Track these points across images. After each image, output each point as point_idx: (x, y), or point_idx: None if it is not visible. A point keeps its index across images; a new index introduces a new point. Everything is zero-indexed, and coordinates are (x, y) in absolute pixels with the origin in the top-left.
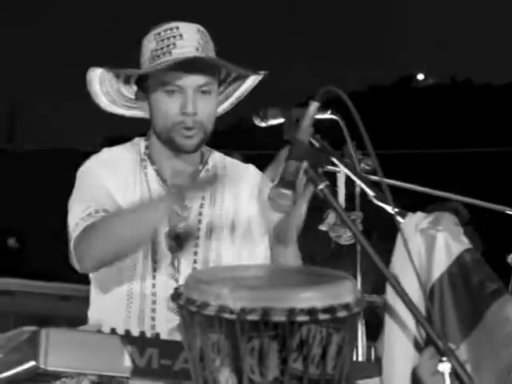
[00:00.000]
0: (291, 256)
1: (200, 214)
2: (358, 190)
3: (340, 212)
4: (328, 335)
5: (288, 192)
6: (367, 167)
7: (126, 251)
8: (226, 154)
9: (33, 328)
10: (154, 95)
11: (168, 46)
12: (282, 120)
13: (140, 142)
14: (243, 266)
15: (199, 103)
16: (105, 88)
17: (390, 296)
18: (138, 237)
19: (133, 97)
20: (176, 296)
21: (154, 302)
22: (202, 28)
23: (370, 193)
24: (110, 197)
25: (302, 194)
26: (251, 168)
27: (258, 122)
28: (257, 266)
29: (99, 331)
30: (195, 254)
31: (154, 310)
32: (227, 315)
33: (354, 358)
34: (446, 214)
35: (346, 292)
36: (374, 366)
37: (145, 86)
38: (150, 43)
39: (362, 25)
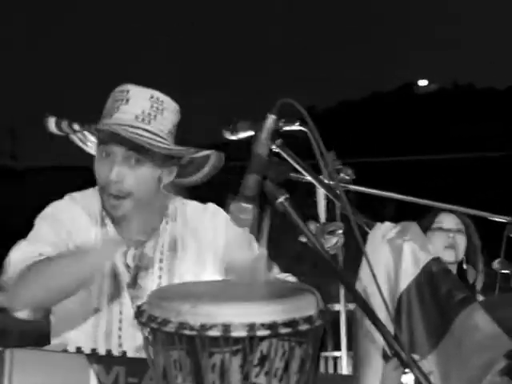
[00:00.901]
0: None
1: (160, 260)
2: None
3: (300, 225)
4: (290, 349)
5: (248, 206)
6: (346, 177)
7: (62, 294)
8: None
9: None
10: (96, 154)
11: (113, 108)
12: (251, 133)
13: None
14: (206, 281)
15: (128, 172)
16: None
17: (357, 308)
18: (73, 280)
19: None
20: (139, 313)
21: (120, 321)
22: (160, 95)
23: (336, 202)
24: (62, 245)
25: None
26: (210, 207)
27: (228, 135)
28: (220, 281)
29: (65, 350)
30: (159, 275)
31: (120, 329)
32: (187, 332)
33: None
34: (413, 224)
35: (307, 305)
36: (347, 379)
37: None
38: (107, 101)
39: (362, 30)
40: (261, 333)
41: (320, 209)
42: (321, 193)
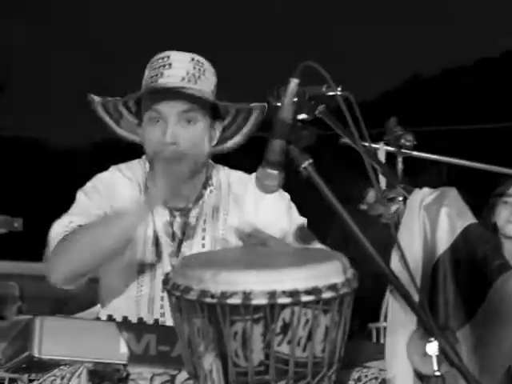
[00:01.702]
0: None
1: (203, 230)
2: (400, 166)
3: (325, 191)
4: (314, 317)
5: (274, 172)
6: (407, 143)
7: (97, 260)
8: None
9: (29, 316)
10: (143, 123)
11: (157, 74)
12: (295, 98)
13: (146, 161)
14: (233, 248)
15: (182, 132)
16: (110, 115)
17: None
18: (111, 246)
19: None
20: (165, 281)
21: (163, 290)
22: (199, 57)
23: (380, 170)
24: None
25: None
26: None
27: (273, 100)
28: (244, 249)
29: (97, 318)
30: (203, 243)
31: (162, 298)
32: (208, 299)
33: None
34: (452, 189)
35: (332, 272)
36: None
37: (140, 115)
38: (145, 72)
39: None
40: (282, 300)
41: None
42: (382, 158)
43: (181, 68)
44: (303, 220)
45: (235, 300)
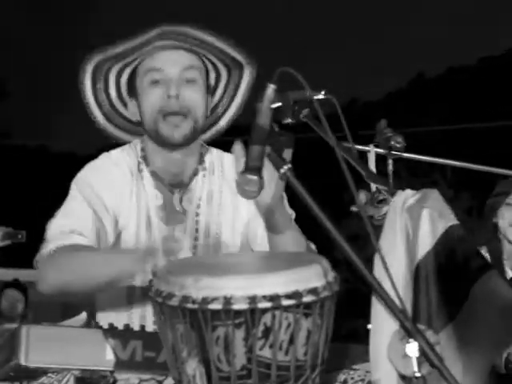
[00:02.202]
0: (288, 243)
1: (197, 214)
2: (390, 168)
3: (303, 195)
4: (295, 321)
5: (254, 177)
6: (397, 145)
7: (88, 288)
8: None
9: (14, 325)
10: (141, 88)
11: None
12: (279, 104)
13: (137, 145)
14: (214, 255)
15: (184, 89)
16: (99, 98)
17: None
18: (104, 280)
19: (126, 114)
20: (149, 288)
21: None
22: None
23: (362, 172)
24: (95, 216)
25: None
26: None
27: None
28: (228, 254)
29: (84, 325)
30: (193, 253)
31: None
32: (190, 305)
33: None
34: (433, 191)
35: (313, 276)
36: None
37: (134, 83)
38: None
39: None
40: (262, 305)
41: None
42: (372, 161)
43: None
44: (291, 212)
45: (216, 305)
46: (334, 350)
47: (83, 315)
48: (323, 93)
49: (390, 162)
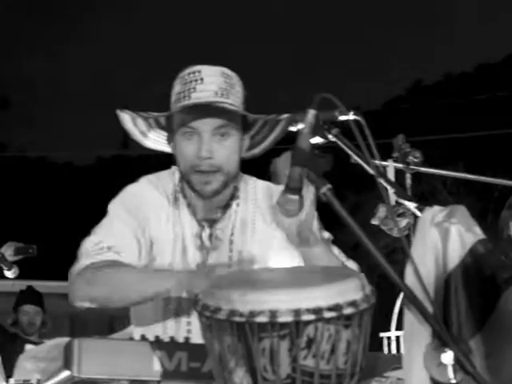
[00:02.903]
0: (320, 255)
1: (231, 242)
2: (408, 181)
3: (343, 215)
4: (336, 332)
5: (294, 197)
6: (415, 159)
7: (121, 303)
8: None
9: (67, 338)
10: (175, 137)
11: (189, 89)
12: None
13: (175, 172)
14: (257, 269)
15: (216, 146)
16: (139, 128)
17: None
18: (139, 297)
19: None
20: (195, 302)
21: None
22: (228, 71)
23: (391, 189)
24: (132, 237)
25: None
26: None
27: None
28: (270, 269)
29: (131, 338)
30: (230, 256)
31: (189, 308)
32: (237, 318)
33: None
34: (460, 207)
35: (352, 289)
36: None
37: (170, 128)
38: (175, 87)
39: None
40: (306, 317)
41: (390, 191)
42: (391, 175)
43: (212, 83)
44: (328, 235)
45: (262, 318)
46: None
47: (131, 328)
48: (352, 113)
49: (409, 176)
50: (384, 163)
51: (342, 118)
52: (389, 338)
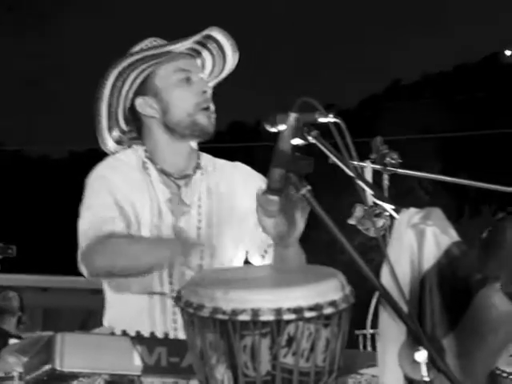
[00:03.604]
0: (292, 256)
1: (199, 206)
2: (385, 182)
3: (323, 216)
4: (316, 331)
5: (274, 198)
6: (392, 161)
7: (131, 275)
8: None
9: (49, 333)
10: (166, 88)
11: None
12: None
13: (138, 149)
14: (240, 267)
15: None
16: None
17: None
18: (144, 267)
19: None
20: (177, 299)
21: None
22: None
23: (369, 191)
24: (117, 204)
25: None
26: (239, 164)
27: (269, 127)
28: (252, 268)
29: (112, 333)
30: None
31: (175, 313)
32: (220, 316)
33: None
34: (436, 209)
35: (332, 290)
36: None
37: (147, 88)
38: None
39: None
40: (287, 317)
41: (367, 193)
42: (368, 177)
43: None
44: None
45: (245, 317)
46: (344, 355)
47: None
48: (331, 115)
49: (386, 177)
50: (362, 164)
51: (322, 120)
52: (364, 336)
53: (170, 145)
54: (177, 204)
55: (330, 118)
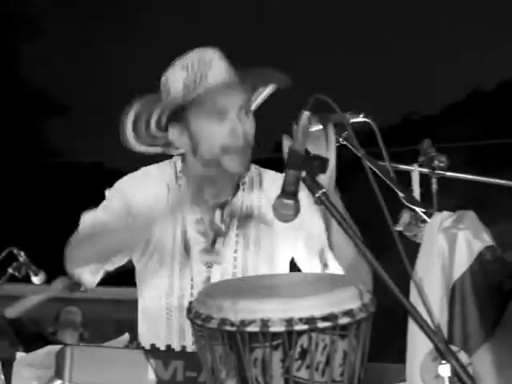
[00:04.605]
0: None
1: (237, 227)
2: (434, 187)
3: (339, 219)
4: (332, 342)
5: (290, 202)
6: (441, 164)
7: (110, 251)
8: None
9: (60, 346)
10: (197, 123)
11: (200, 75)
12: (320, 126)
13: (177, 161)
14: (251, 277)
15: (244, 125)
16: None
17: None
18: (109, 252)
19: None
20: (188, 310)
21: (192, 287)
22: (218, 51)
23: (399, 193)
24: (124, 216)
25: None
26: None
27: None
28: (264, 276)
29: (126, 347)
30: (234, 265)
31: (192, 295)
32: (228, 327)
33: None
34: (469, 212)
35: (348, 298)
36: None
37: (182, 117)
38: (177, 74)
39: None
40: (299, 327)
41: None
42: (415, 180)
43: (219, 66)
44: None
45: (254, 328)
46: (373, 368)
47: (126, 336)
48: (362, 115)
49: (434, 181)
50: (409, 168)
51: (353, 120)
52: None
53: (201, 170)
54: (210, 226)
55: (360, 118)
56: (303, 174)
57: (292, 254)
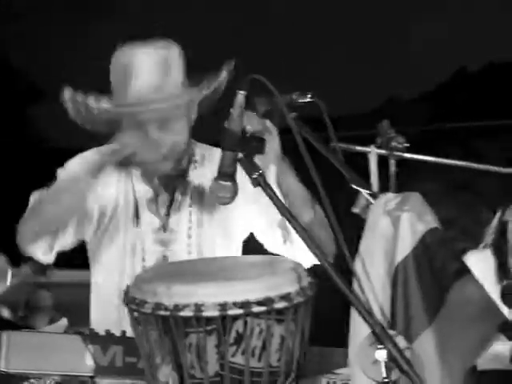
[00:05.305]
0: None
1: (190, 205)
2: (392, 169)
3: (275, 200)
4: (268, 327)
5: (227, 183)
6: (399, 145)
7: (55, 225)
8: None
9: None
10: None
11: (124, 85)
12: (269, 108)
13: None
14: (194, 260)
15: (163, 138)
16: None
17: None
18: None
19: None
20: (125, 295)
21: (143, 268)
22: (161, 50)
23: (346, 175)
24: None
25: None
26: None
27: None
28: (202, 260)
29: (64, 332)
30: (188, 243)
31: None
32: (162, 312)
33: None
34: (415, 194)
35: (286, 282)
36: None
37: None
38: (112, 72)
39: None
40: (233, 312)
41: (373, 178)
42: (373, 162)
43: (146, 80)
44: None
45: (187, 312)
46: (319, 353)
47: (64, 321)
48: (310, 96)
49: (393, 162)
50: (366, 149)
51: (301, 100)
52: None
53: None
54: (162, 204)
55: (308, 99)
56: (240, 155)
57: (250, 229)
